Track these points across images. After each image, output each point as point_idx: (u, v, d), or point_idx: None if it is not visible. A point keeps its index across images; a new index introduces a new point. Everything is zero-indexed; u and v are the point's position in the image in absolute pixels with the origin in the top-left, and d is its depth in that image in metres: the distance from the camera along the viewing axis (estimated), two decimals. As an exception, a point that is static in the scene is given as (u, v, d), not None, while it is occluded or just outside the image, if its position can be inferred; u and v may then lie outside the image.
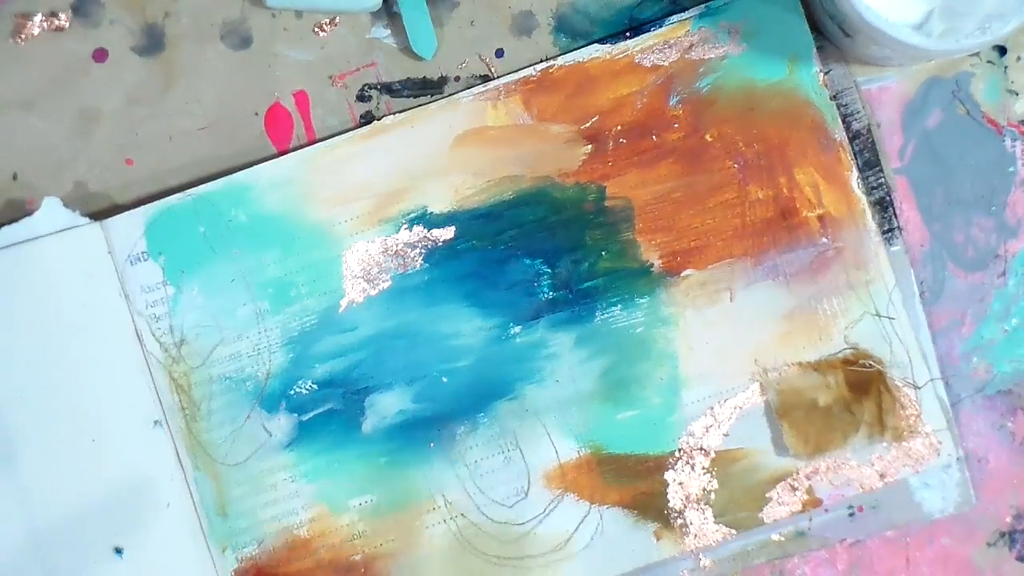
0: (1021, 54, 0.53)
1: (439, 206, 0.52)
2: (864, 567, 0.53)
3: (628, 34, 0.53)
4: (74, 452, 0.51)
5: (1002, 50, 0.53)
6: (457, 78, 0.54)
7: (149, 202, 0.53)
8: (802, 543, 0.52)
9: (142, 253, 0.52)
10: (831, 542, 0.52)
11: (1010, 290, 0.53)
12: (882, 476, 0.52)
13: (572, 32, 0.54)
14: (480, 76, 0.54)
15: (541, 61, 0.53)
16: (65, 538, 0.51)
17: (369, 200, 0.53)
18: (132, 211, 0.53)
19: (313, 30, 0.55)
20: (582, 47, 0.53)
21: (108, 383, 0.52)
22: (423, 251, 0.52)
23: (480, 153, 0.52)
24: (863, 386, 0.51)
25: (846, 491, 0.52)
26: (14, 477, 0.51)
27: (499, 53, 0.54)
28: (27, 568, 0.51)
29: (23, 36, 0.54)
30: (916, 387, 0.51)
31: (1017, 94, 0.53)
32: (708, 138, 0.52)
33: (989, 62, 0.53)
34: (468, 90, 0.52)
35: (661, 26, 0.53)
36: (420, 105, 0.54)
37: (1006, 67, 0.53)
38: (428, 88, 0.54)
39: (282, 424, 0.52)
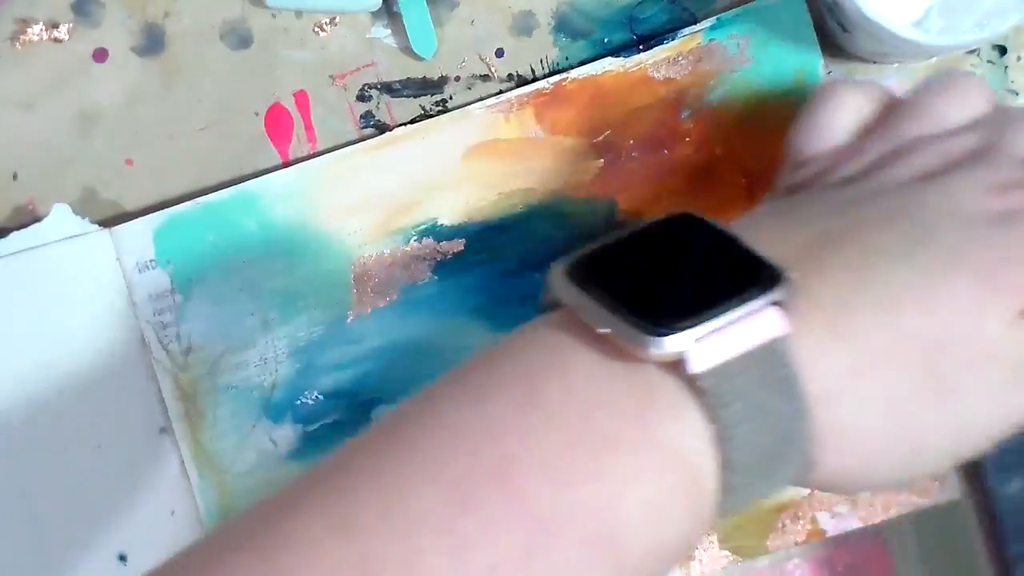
0: (1021, 54, 0.53)
1: (449, 218, 0.52)
2: (863, 567, 0.53)
3: (640, 47, 0.53)
4: (79, 458, 0.52)
5: (1002, 50, 0.53)
6: (457, 78, 0.54)
7: (156, 208, 0.53)
8: (804, 546, 0.52)
9: (150, 261, 0.52)
10: (833, 544, 0.52)
11: (1010, 290, 0.53)
12: (886, 509, 0.51)
13: (572, 32, 0.54)
14: (480, 76, 0.54)
15: (554, 73, 0.53)
16: (69, 544, 0.51)
17: (379, 211, 0.52)
18: (141, 219, 0.53)
19: (313, 30, 0.54)
20: (594, 59, 0.53)
21: (114, 390, 0.52)
22: (432, 263, 0.52)
23: (491, 166, 0.52)
24: None
25: (849, 523, 0.51)
26: (19, 483, 0.51)
27: (499, 53, 0.54)
28: (31, 574, 0.51)
29: (22, 41, 0.54)
30: None
31: (1017, 94, 0.53)
32: (718, 152, 0.52)
33: (989, 62, 0.53)
34: (480, 102, 0.52)
35: (673, 39, 0.52)
36: (420, 105, 0.54)
37: (1006, 67, 0.53)
38: (428, 88, 0.54)
39: (287, 434, 0.52)
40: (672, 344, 0.34)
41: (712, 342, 0.34)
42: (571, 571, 0.33)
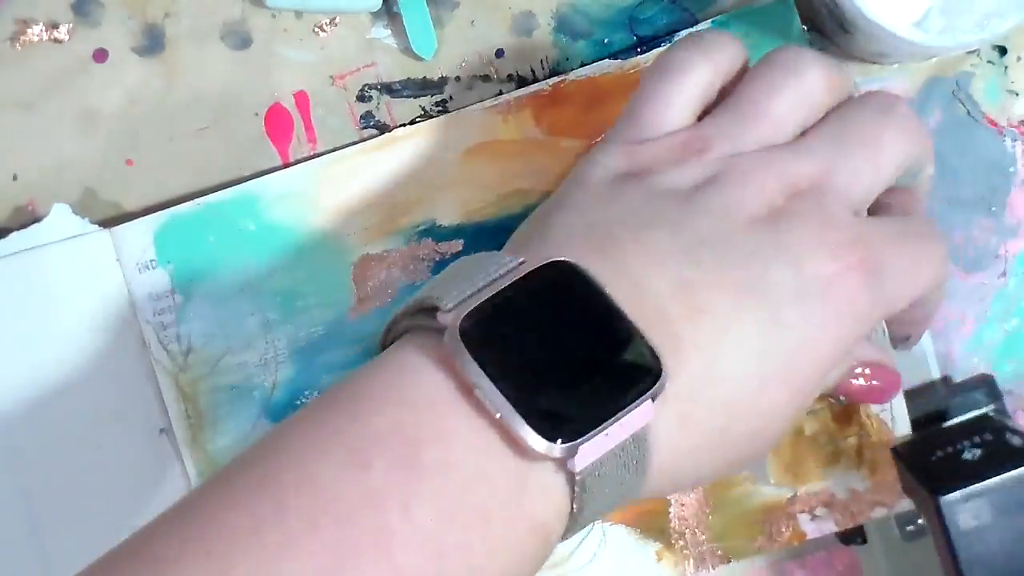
0: (1021, 54, 0.53)
1: (447, 219, 0.52)
2: (862, 568, 0.53)
3: (639, 49, 0.52)
4: (79, 459, 0.51)
5: (1002, 50, 0.53)
6: (457, 78, 0.54)
7: (156, 208, 0.53)
8: (802, 547, 0.52)
9: (151, 261, 0.52)
10: (832, 545, 0.52)
11: (1010, 290, 0.53)
12: (854, 516, 0.51)
13: (572, 32, 0.54)
14: (480, 76, 0.54)
15: (555, 74, 0.53)
16: (69, 545, 0.51)
17: (378, 212, 0.52)
18: (141, 219, 0.52)
19: (313, 30, 0.54)
20: (594, 60, 0.53)
21: (115, 390, 0.52)
22: (431, 264, 0.52)
23: (489, 167, 0.52)
24: (847, 417, 0.51)
25: (826, 526, 0.51)
26: (19, 483, 0.51)
27: (499, 53, 0.54)
28: (31, 574, 0.51)
29: (22, 41, 0.54)
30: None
31: (1017, 94, 0.53)
32: None
33: (989, 62, 0.53)
34: (478, 103, 0.52)
35: (670, 41, 0.52)
36: (420, 105, 0.54)
37: (1006, 67, 0.53)
38: (428, 88, 0.54)
39: (288, 435, 0.52)
40: (563, 450, 0.35)
41: (595, 442, 0.35)
42: None
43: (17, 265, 0.52)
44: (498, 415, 0.35)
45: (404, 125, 0.53)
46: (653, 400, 0.36)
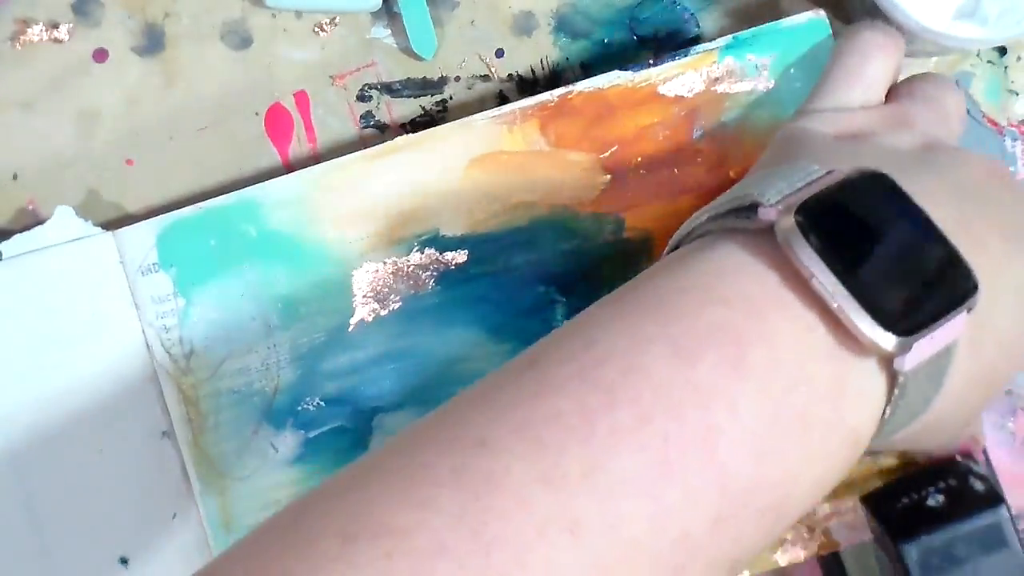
0: (1021, 54, 0.53)
1: (451, 229, 0.52)
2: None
3: (651, 62, 0.52)
4: (81, 462, 0.51)
5: (1002, 50, 0.53)
6: (457, 78, 0.54)
7: (157, 208, 0.53)
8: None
9: (153, 264, 0.52)
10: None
11: (1009, 291, 0.53)
12: None
13: (572, 32, 0.54)
14: (480, 76, 0.54)
15: (553, 76, 0.53)
16: (71, 548, 0.51)
17: (381, 220, 0.52)
18: (144, 222, 0.52)
19: (313, 30, 0.54)
20: (595, 62, 0.53)
21: (117, 393, 0.52)
22: (435, 274, 0.52)
23: (494, 178, 0.52)
24: None
25: (864, 535, 0.51)
26: (21, 485, 0.51)
27: (499, 53, 0.54)
28: (32, 576, 0.52)
29: (22, 41, 0.54)
30: None
31: (1017, 94, 0.53)
32: (732, 174, 0.51)
33: (989, 62, 0.53)
34: (484, 113, 0.52)
35: (686, 55, 0.52)
36: (420, 105, 0.54)
37: (1006, 67, 0.53)
38: (428, 88, 0.54)
39: (288, 440, 0.51)
40: (900, 344, 0.35)
41: (927, 341, 0.35)
42: (746, 538, 0.35)
43: (20, 267, 0.52)
44: (835, 304, 0.34)
45: (407, 132, 0.53)
46: (968, 312, 0.36)
